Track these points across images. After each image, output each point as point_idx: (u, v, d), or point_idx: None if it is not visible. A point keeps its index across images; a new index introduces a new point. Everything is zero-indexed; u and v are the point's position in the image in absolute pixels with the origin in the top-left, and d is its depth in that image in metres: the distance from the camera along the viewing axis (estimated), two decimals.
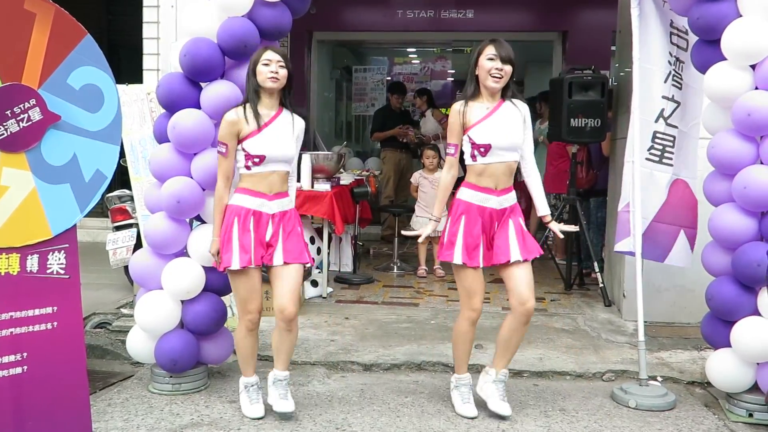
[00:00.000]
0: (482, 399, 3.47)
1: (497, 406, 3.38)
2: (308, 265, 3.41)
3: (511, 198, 3.37)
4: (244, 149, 3.27)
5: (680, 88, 3.84)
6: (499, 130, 3.28)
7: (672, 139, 3.85)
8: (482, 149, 3.27)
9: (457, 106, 3.33)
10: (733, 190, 3.34)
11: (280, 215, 3.32)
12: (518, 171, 3.44)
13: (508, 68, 3.25)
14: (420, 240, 3.62)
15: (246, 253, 3.25)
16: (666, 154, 3.86)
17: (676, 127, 3.86)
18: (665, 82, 3.82)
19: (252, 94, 3.30)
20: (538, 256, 3.39)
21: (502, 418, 3.36)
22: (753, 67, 3.32)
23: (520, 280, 3.31)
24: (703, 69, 3.51)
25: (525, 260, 3.32)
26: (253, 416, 3.36)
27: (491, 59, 3.24)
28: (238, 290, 3.34)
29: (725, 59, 3.35)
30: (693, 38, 3.66)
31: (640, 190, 3.79)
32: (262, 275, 3.36)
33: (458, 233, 3.30)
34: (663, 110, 3.82)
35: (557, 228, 3.51)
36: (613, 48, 6.85)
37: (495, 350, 3.50)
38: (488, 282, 6.19)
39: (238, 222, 3.27)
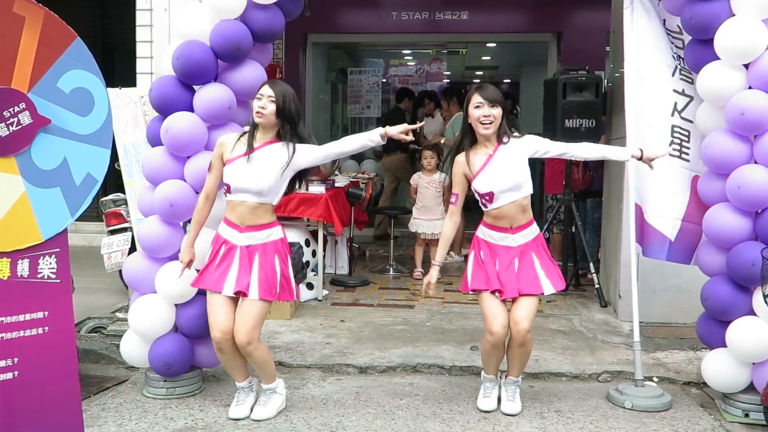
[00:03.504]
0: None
1: (503, 406, 3.50)
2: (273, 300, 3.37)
3: (529, 233, 3.44)
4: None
5: (691, 83, 3.74)
6: (498, 176, 3.34)
7: (687, 133, 3.76)
8: (487, 197, 3.37)
9: (461, 157, 3.43)
10: (728, 189, 3.34)
11: (253, 248, 3.29)
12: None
13: (497, 111, 3.33)
14: (424, 286, 3.54)
15: (200, 278, 3.36)
16: (684, 149, 3.77)
17: (690, 121, 3.74)
18: (673, 76, 3.75)
19: (252, 124, 3.34)
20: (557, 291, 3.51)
21: (510, 415, 3.45)
22: (746, 66, 3.31)
23: (520, 304, 3.38)
24: (696, 68, 3.50)
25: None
26: (229, 415, 3.42)
27: (478, 107, 3.33)
28: (208, 313, 3.38)
29: (718, 58, 3.35)
30: (688, 38, 3.64)
31: (634, 190, 3.79)
32: (229, 307, 3.31)
33: (470, 264, 3.46)
34: (676, 104, 3.75)
35: (652, 154, 3.48)
36: (607, 49, 6.84)
37: None
38: None
39: (212, 248, 3.37)
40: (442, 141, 7.57)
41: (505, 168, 3.34)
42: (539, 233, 3.49)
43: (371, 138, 3.32)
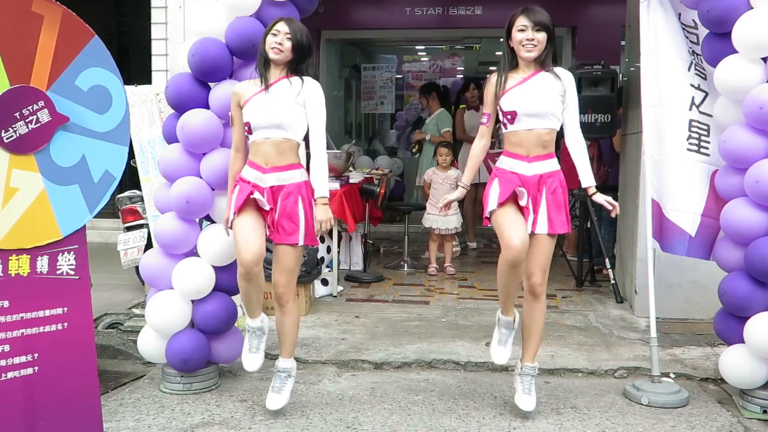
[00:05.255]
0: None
1: (518, 399, 3.37)
2: (301, 245, 3.29)
3: (546, 165, 3.28)
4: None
5: (705, 78, 3.71)
6: (526, 98, 3.22)
7: (706, 127, 3.71)
8: (509, 116, 3.25)
9: (494, 77, 3.32)
10: (746, 184, 3.31)
11: (277, 189, 3.25)
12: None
13: (541, 36, 3.18)
14: (442, 203, 3.51)
15: (234, 206, 3.24)
16: (703, 143, 3.71)
17: (710, 115, 3.69)
18: (689, 70, 3.72)
19: (260, 61, 3.29)
20: (563, 233, 3.34)
21: (525, 412, 3.35)
22: (765, 59, 3.28)
23: (531, 254, 3.25)
24: (713, 62, 3.47)
25: (549, 234, 3.26)
26: (246, 368, 3.45)
27: (522, 30, 3.19)
28: (235, 240, 3.27)
29: (736, 52, 3.32)
30: (703, 32, 3.62)
31: (651, 185, 3.76)
32: (259, 232, 3.25)
33: (491, 192, 3.26)
34: (693, 98, 3.71)
35: (602, 199, 3.39)
36: (622, 43, 6.80)
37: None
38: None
39: (238, 189, 3.27)
40: (427, 138, 7.49)
41: (536, 92, 3.21)
42: (559, 170, 3.33)
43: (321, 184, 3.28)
